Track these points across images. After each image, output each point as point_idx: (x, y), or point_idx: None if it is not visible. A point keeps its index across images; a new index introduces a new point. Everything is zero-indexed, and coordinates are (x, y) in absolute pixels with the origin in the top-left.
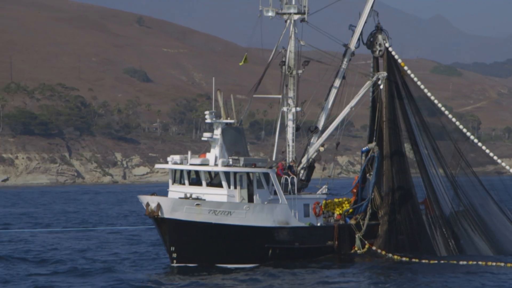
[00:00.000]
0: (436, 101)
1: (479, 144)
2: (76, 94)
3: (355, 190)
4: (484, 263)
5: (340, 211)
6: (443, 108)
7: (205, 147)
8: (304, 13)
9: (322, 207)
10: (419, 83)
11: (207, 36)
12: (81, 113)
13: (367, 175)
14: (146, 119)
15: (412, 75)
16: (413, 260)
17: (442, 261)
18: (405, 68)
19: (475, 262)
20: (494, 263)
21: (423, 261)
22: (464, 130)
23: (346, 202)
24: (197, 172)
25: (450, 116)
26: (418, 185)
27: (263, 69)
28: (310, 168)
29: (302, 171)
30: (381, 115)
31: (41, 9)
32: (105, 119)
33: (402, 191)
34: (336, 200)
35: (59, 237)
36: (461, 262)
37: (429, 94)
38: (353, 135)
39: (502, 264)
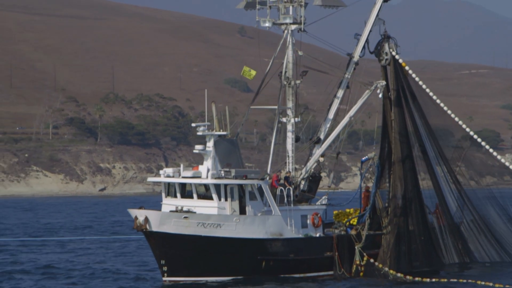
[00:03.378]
0: (438, 101)
1: (483, 143)
2: (174, 104)
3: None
4: (473, 280)
5: (352, 222)
6: (448, 111)
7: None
8: (300, 23)
9: (321, 218)
10: (420, 82)
11: (310, 46)
12: (178, 123)
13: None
14: (243, 129)
15: (413, 75)
16: (407, 277)
17: (434, 279)
18: (407, 68)
19: (465, 280)
20: (483, 283)
21: (416, 278)
22: (468, 129)
23: (356, 213)
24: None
25: (456, 118)
26: (430, 194)
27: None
28: (315, 179)
29: (303, 182)
30: (386, 123)
31: (143, 20)
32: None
33: (407, 201)
34: (347, 210)
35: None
36: (451, 280)
37: (432, 94)
38: (453, 145)
39: (491, 284)
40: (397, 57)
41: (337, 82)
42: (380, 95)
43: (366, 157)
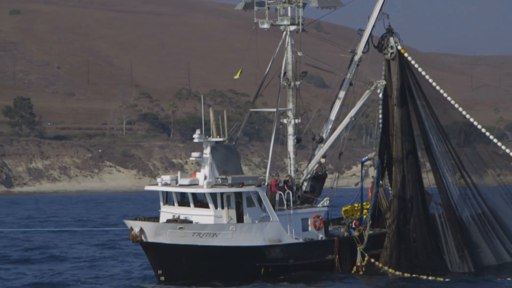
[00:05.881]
0: (440, 90)
1: (488, 133)
2: (246, 100)
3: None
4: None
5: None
6: (452, 101)
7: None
8: (298, 24)
9: (322, 220)
10: (420, 69)
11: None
12: (251, 119)
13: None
14: (317, 124)
15: (413, 62)
16: (405, 275)
17: (430, 278)
18: (406, 55)
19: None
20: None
21: (414, 275)
22: (473, 121)
23: (364, 210)
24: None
25: (456, 105)
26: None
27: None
28: (318, 179)
29: (305, 183)
30: (386, 122)
31: (220, 16)
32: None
33: (409, 200)
34: (356, 205)
35: None
36: (446, 280)
37: (431, 81)
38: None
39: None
40: (398, 46)
41: (339, 82)
42: (381, 95)
43: (366, 157)
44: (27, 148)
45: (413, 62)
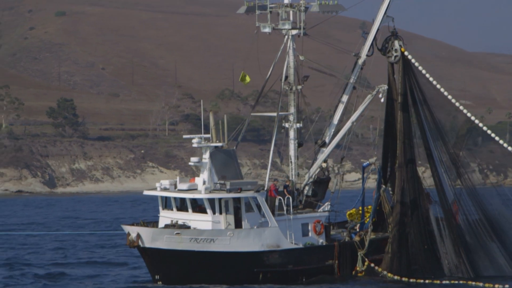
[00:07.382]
0: (442, 90)
1: (493, 135)
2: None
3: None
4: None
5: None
6: (453, 100)
7: None
8: (300, 28)
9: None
10: (420, 68)
11: (432, 41)
12: None
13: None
14: (361, 125)
15: (413, 60)
16: (403, 279)
17: (427, 281)
18: (406, 53)
19: (457, 282)
20: (474, 283)
21: (411, 280)
22: (476, 120)
23: (367, 214)
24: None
25: (462, 108)
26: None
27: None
28: (321, 183)
29: (307, 188)
30: (388, 126)
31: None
32: (318, 125)
33: (411, 205)
34: (360, 208)
35: None
36: (444, 282)
37: (434, 82)
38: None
39: (481, 284)
40: (406, 53)
41: (342, 85)
42: (382, 100)
43: (367, 162)
44: (70, 149)
45: (413, 60)
